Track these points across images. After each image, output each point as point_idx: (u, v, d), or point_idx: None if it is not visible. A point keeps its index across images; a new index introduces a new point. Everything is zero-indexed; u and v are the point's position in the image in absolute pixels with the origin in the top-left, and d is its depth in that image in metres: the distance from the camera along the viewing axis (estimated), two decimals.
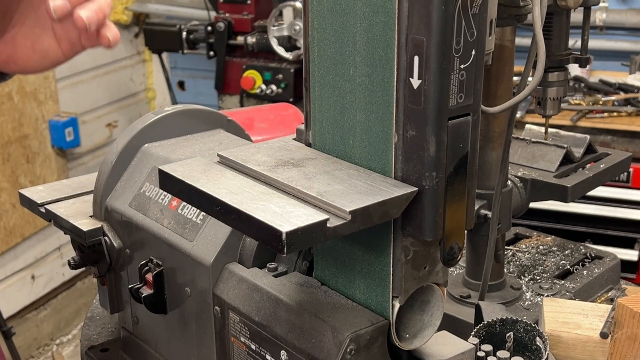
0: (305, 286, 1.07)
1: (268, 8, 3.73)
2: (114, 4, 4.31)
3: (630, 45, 3.62)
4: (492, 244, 1.35)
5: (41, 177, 3.89)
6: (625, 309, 1.19)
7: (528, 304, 1.48)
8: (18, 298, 3.74)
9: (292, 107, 2.42)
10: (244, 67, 3.78)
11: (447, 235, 0.92)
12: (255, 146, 1.06)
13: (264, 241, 0.86)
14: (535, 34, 1.09)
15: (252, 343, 1.08)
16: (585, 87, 3.43)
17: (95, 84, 4.32)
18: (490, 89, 1.37)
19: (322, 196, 0.89)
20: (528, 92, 1.10)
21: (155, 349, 1.35)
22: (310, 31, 1.01)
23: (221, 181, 0.95)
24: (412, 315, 1.01)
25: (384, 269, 0.97)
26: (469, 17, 0.86)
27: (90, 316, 1.62)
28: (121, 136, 1.39)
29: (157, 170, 1.02)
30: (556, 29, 1.37)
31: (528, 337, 1.20)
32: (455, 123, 0.88)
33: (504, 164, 1.33)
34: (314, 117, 1.04)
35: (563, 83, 1.40)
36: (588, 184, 1.53)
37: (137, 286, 1.27)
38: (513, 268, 1.62)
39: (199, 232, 1.19)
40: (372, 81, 0.93)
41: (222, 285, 1.14)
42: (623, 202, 3.14)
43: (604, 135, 3.14)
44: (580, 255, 1.67)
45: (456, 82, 0.87)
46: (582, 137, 1.63)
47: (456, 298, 1.49)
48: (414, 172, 0.90)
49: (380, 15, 0.90)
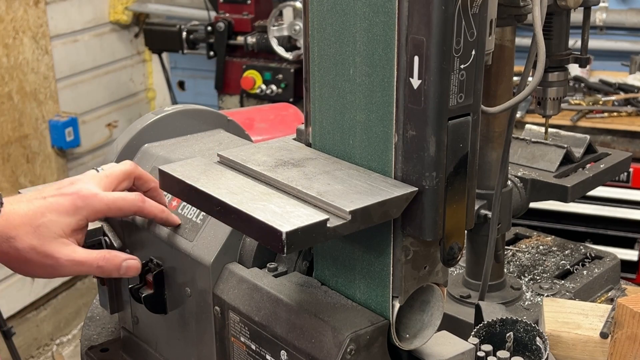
0: (305, 286, 1.07)
1: (268, 8, 3.73)
2: (114, 4, 4.32)
3: (630, 45, 3.62)
4: (492, 244, 1.35)
5: (41, 177, 3.89)
6: (625, 309, 1.19)
7: (528, 304, 1.48)
8: (18, 298, 3.74)
9: (292, 107, 2.42)
10: (244, 67, 3.79)
11: (447, 235, 0.92)
12: (255, 146, 1.06)
13: (264, 241, 0.86)
14: (535, 34, 1.09)
15: (252, 343, 1.08)
16: (585, 87, 3.43)
17: (95, 84, 4.33)
18: (490, 89, 1.37)
19: (322, 196, 0.89)
20: (528, 92, 1.10)
21: (155, 349, 1.35)
22: (310, 31, 1.01)
23: (221, 181, 0.96)
24: (412, 315, 1.01)
25: (384, 269, 0.97)
26: (469, 17, 0.86)
27: (90, 316, 1.62)
28: (121, 136, 1.39)
29: (157, 170, 1.02)
30: (556, 29, 1.37)
31: (528, 337, 1.20)
32: (455, 123, 0.88)
33: (504, 164, 1.33)
34: (314, 117, 1.04)
35: (563, 83, 1.40)
36: (588, 184, 1.53)
37: (137, 286, 1.27)
38: (513, 268, 1.62)
39: (199, 232, 1.19)
40: (372, 81, 0.93)
41: (222, 285, 1.14)
42: (623, 202, 3.14)
43: (604, 135, 3.14)
44: (580, 255, 1.67)
45: (456, 82, 0.87)
46: (582, 137, 1.63)
47: (456, 298, 1.49)
48: (414, 172, 0.90)
49: (380, 15, 0.90)
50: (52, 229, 1.08)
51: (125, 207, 1.16)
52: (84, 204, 1.11)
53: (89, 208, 1.12)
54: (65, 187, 1.13)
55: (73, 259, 1.10)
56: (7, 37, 3.64)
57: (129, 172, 1.19)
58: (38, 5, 3.80)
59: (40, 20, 3.84)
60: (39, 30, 3.83)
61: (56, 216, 1.09)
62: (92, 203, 1.12)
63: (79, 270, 1.12)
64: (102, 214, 1.14)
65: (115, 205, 1.14)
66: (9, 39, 3.65)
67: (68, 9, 4.08)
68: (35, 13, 3.80)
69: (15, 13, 3.67)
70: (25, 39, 3.75)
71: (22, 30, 3.73)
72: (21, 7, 3.70)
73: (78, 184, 1.14)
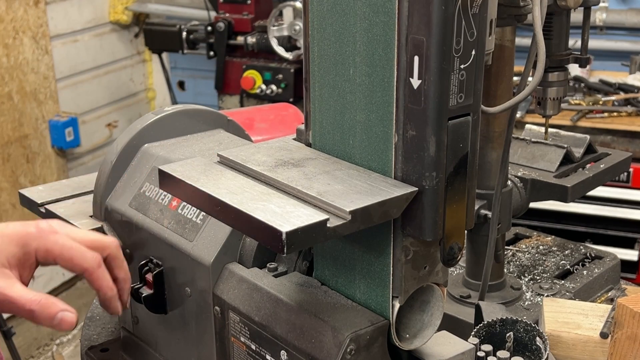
0: (305, 286, 1.07)
1: (268, 8, 3.73)
2: (114, 4, 4.32)
3: (630, 45, 3.62)
4: (492, 244, 1.35)
5: (41, 177, 3.89)
6: (625, 309, 1.19)
7: (528, 304, 1.48)
8: None
9: (292, 107, 2.42)
10: (244, 67, 3.78)
11: (447, 235, 0.92)
12: (255, 146, 1.06)
13: (264, 241, 0.86)
14: (535, 34, 1.09)
15: (252, 343, 1.08)
16: (585, 87, 3.43)
17: (95, 84, 4.33)
18: (490, 89, 1.37)
19: (322, 196, 0.89)
20: (528, 92, 1.10)
21: (155, 349, 1.35)
22: (310, 31, 1.01)
23: (221, 181, 0.95)
24: (412, 315, 1.01)
25: (384, 269, 0.97)
26: (469, 17, 0.86)
27: (90, 316, 1.62)
28: (121, 136, 1.39)
29: (157, 170, 1.02)
30: (556, 29, 1.37)
31: (528, 337, 1.20)
32: (455, 123, 0.88)
33: (504, 164, 1.33)
34: (314, 117, 1.04)
35: (563, 83, 1.40)
36: (588, 184, 1.53)
37: (137, 286, 1.27)
38: (513, 268, 1.62)
39: (199, 232, 1.19)
40: (372, 81, 0.93)
41: (222, 285, 1.14)
42: (623, 202, 3.14)
43: (604, 135, 3.14)
44: (580, 255, 1.67)
45: (456, 82, 0.87)
46: (582, 137, 1.63)
47: (456, 298, 1.49)
48: (414, 172, 0.90)
49: (380, 15, 0.90)
50: None
51: (76, 261, 1.04)
52: (37, 237, 1.02)
53: (40, 242, 1.02)
54: (35, 221, 1.05)
55: (5, 295, 0.97)
56: (7, 37, 3.64)
57: (101, 246, 1.07)
58: (38, 5, 3.81)
59: (40, 20, 3.84)
60: (39, 30, 3.83)
61: (4, 243, 1.00)
62: (46, 239, 1.02)
63: (9, 309, 0.99)
64: (51, 256, 1.03)
65: (68, 253, 1.03)
66: (9, 39, 3.65)
67: (68, 9, 4.08)
68: (35, 13, 3.80)
69: (15, 13, 3.67)
70: (25, 39, 3.75)
71: (22, 30, 3.73)
72: (21, 7, 3.70)
73: (48, 221, 1.06)
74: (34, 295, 0.99)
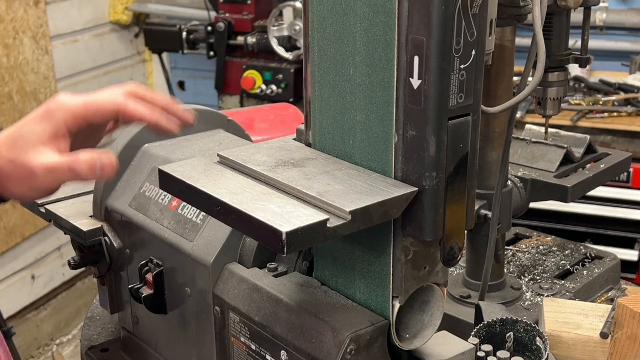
0: (305, 286, 1.07)
1: (268, 8, 3.73)
2: (114, 4, 4.32)
3: (630, 45, 3.62)
4: (492, 244, 1.35)
5: None
6: (625, 309, 1.19)
7: (528, 304, 1.48)
8: (18, 298, 3.74)
9: (292, 107, 2.42)
10: (244, 67, 3.78)
11: (447, 235, 0.92)
12: (255, 146, 1.06)
13: (264, 241, 0.86)
14: (535, 34, 1.09)
15: (252, 343, 1.08)
16: (585, 87, 3.43)
17: (95, 84, 4.32)
18: (490, 89, 1.37)
19: (322, 196, 0.89)
20: (528, 92, 1.10)
21: (155, 349, 1.35)
22: (310, 31, 1.01)
23: (221, 181, 0.96)
24: (412, 315, 1.01)
25: (384, 269, 0.97)
26: (469, 17, 0.86)
27: (90, 316, 1.62)
28: (121, 136, 1.39)
29: (157, 170, 1.02)
30: (556, 29, 1.37)
31: (528, 337, 1.20)
32: (455, 123, 0.88)
33: (504, 164, 1.33)
34: (314, 117, 1.04)
35: (563, 83, 1.40)
36: (588, 184, 1.53)
37: (137, 286, 1.27)
38: (513, 268, 1.62)
39: (199, 232, 1.19)
40: (372, 81, 0.93)
41: (222, 285, 1.14)
42: (623, 202, 3.13)
43: (604, 135, 3.14)
44: (580, 255, 1.67)
45: (456, 82, 0.87)
46: (582, 137, 1.63)
47: (456, 298, 1.49)
48: (414, 172, 0.90)
49: (380, 15, 0.90)
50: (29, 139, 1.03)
51: (104, 106, 1.05)
52: (57, 107, 1.04)
53: (64, 109, 1.04)
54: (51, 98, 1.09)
55: (45, 166, 1.01)
56: (7, 37, 3.64)
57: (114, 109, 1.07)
58: (38, 5, 3.80)
59: (40, 20, 3.84)
60: (39, 30, 3.83)
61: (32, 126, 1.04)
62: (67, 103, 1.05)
63: (53, 178, 1.03)
64: (79, 116, 1.04)
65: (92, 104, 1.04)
66: (9, 39, 3.65)
67: (68, 9, 4.08)
68: (35, 13, 3.80)
69: (15, 13, 3.67)
70: (25, 39, 3.75)
71: (22, 30, 3.73)
72: (21, 7, 3.70)
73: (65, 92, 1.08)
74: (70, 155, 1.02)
